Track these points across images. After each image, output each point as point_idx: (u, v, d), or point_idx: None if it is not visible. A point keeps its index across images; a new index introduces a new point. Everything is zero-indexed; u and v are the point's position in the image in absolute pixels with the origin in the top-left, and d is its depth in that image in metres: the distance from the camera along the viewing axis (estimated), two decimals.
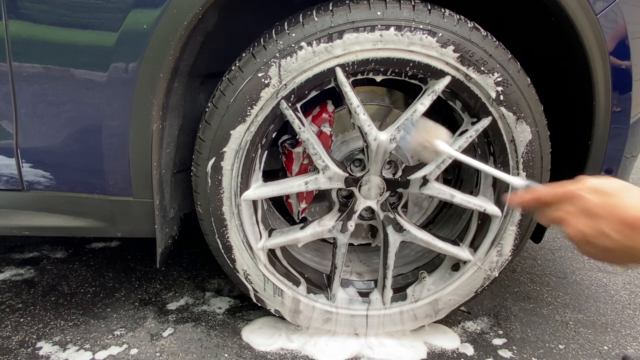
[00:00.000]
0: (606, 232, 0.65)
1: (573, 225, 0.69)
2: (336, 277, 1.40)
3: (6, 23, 1.07)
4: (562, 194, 0.72)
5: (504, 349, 1.45)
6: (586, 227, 0.68)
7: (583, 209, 0.68)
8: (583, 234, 0.68)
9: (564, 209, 0.71)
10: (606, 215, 0.66)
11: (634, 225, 0.63)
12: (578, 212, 0.69)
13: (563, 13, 1.13)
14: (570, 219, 0.70)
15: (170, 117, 1.25)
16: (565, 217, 0.71)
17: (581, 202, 0.68)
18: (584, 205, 0.68)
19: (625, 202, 0.65)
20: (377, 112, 1.44)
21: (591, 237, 0.67)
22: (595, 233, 0.67)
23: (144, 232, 1.29)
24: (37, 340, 1.40)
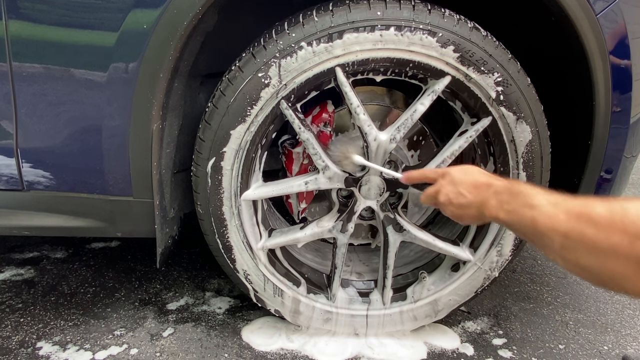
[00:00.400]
0: (462, 193, 0.93)
1: (444, 192, 0.97)
2: (336, 277, 1.40)
3: (6, 23, 1.07)
4: (440, 172, 1.01)
5: (504, 349, 1.45)
6: (451, 192, 0.95)
7: (450, 181, 0.96)
8: (448, 197, 0.95)
9: (439, 182, 0.99)
10: (463, 182, 0.94)
11: (477, 185, 0.91)
12: (447, 183, 0.97)
13: (563, 13, 1.13)
14: (442, 188, 0.98)
15: (170, 117, 1.25)
16: (439, 188, 0.99)
17: (449, 176, 0.97)
18: (451, 178, 0.96)
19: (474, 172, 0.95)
20: (377, 112, 1.44)
21: (453, 198, 0.94)
22: (455, 195, 0.94)
23: (144, 232, 1.29)
24: (37, 340, 1.40)
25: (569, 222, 0.68)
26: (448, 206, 0.96)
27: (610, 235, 0.62)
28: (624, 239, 0.60)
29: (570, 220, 0.68)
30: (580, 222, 0.67)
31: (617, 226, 0.62)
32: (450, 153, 1.25)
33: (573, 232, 0.67)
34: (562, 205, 0.71)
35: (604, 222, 0.63)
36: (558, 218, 0.70)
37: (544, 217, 0.72)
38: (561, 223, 0.69)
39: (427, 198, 1.03)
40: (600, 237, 0.63)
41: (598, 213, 0.65)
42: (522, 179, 1.27)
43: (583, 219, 0.66)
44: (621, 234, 0.61)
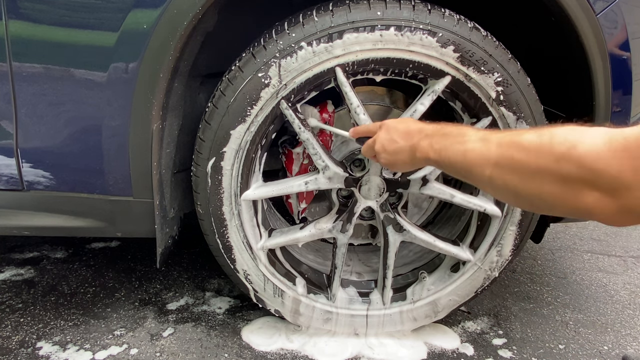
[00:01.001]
0: (395, 139, 0.98)
1: (379, 141, 1.02)
2: (336, 277, 1.40)
3: (6, 23, 1.07)
4: (379, 123, 1.06)
5: (504, 349, 1.45)
6: (385, 139, 1.00)
7: (386, 129, 1.02)
8: (382, 145, 1.00)
9: (377, 133, 1.04)
10: (396, 129, 0.99)
11: (409, 131, 0.96)
12: (383, 132, 1.02)
13: (563, 13, 1.13)
14: (378, 137, 1.03)
15: (170, 117, 1.25)
16: (375, 137, 1.04)
17: (385, 126, 1.03)
18: (387, 127, 1.02)
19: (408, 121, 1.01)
20: (377, 112, 1.44)
21: (387, 145, 0.99)
22: (389, 142, 0.99)
23: (144, 232, 1.29)
24: (37, 340, 1.40)
25: (499, 150, 0.71)
26: (382, 153, 1.01)
27: (538, 158, 0.65)
28: (550, 159, 0.63)
29: (501, 148, 0.71)
30: (511, 149, 0.69)
31: (545, 148, 0.64)
32: None
33: (503, 159, 0.70)
34: (493, 137, 0.74)
35: (533, 146, 0.66)
36: (488, 148, 0.73)
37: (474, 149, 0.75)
38: (491, 152, 0.72)
39: (365, 148, 1.09)
40: (529, 160, 0.66)
41: (527, 139, 0.68)
42: None
43: (513, 146, 0.69)
44: (548, 155, 0.63)
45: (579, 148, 0.60)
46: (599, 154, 0.58)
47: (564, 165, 0.62)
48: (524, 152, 0.67)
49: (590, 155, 0.59)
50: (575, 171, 0.60)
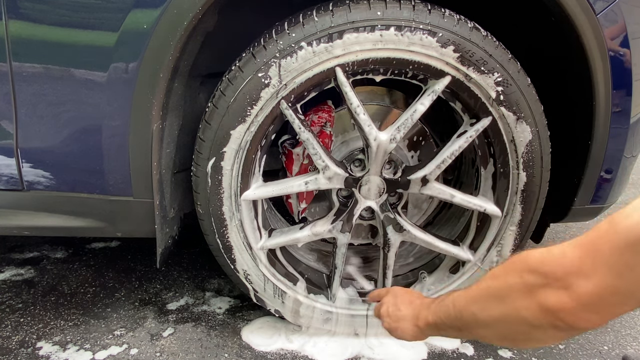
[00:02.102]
0: (399, 306, 1.05)
1: (385, 305, 1.10)
2: (336, 277, 1.40)
3: (6, 23, 1.07)
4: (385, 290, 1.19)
5: (504, 349, 1.45)
6: (391, 304, 1.08)
7: (392, 295, 1.11)
8: (387, 310, 1.08)
9: (385, 297, 1.12)
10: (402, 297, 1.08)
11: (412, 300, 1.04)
12: (390, 297, 1.11)
13: (563, 13, 1.13)
14: (385, 301, 1.11)
15: (170, 117, 1.25)
16: (383, 302, 1.12)
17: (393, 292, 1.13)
18: (394, 293, 1.12)
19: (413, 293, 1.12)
20: (377, 112, 1.44)
21: (392, 310, 1.06)
22: (394, 308, 1.06)
23: (144, 232, 1.29)
24: (37, 340, 1.40)
25: (476, 287, 0.80)
26: (386, 317, 1.09)
27: (506, 279, 0.72)
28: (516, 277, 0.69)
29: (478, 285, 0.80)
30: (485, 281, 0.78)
31: (510, 269, 0.72)
32: (450, 153, 1.25)
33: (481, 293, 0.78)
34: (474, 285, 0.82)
35: (501, 271, 0.74)
36: (469, 289, 0.82)
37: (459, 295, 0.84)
38: (471, 290, 0.81)
39: (375, 311, 1.16)
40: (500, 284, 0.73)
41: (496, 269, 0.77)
42: (522, 179, 1.27)
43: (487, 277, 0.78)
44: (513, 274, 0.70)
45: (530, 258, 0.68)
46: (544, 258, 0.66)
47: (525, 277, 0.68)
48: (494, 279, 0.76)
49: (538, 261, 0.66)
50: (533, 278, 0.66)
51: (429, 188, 1.30)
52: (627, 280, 0.57)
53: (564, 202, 1.40)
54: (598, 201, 1.38)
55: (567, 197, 1.38)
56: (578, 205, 1.37)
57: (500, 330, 0.75)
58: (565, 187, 1.38)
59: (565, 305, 0.62)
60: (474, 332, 0.82)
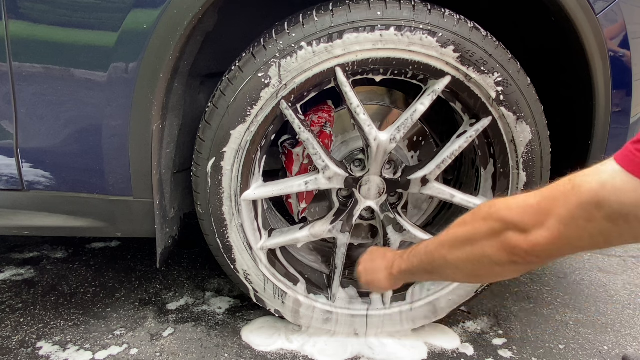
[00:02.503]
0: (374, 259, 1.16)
1: (362, 263, 1.20)
2: (336, 277, 1.40)
3: (6, 23, 1.07)
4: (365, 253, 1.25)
5: (504, 349, 1.45)
6: (367, 260, 1.19)
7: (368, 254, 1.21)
8: (364, 266, 1.18)
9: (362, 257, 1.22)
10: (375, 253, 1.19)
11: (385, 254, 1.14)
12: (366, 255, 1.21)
13: (563, 13, 1.13)
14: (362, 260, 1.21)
15: (170, 117, 1.25)
16: (360, 261, 1.22)
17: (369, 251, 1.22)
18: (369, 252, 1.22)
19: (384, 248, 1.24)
20: (377, 112, 1.44)
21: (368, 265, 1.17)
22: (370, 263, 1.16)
23: (144, 232, 1.29)
24: (37, 340, 1.40)
25: (447, 233, 0.89)
26: (363, 274, 1.18)
27: (474, 225, 0.83)
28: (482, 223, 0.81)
29: (447, 231, 0.89)
30: (453, 227, 0.88)
31: (478, 217, 0.83)
32: (450, 153, 1.25)
33: (450, 239, 0.88)
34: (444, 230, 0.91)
35: (469, 218, 0.86)
36: (440, 236, 0.91)
37: (431, 242, 0.94)
38: (442, 237, 0.90)
39: (356, 273, 1.23)
40: (468, 229, 0.84)
41: (462, 217, 0.87)
42: (522, 179, 1.27)
43: (457, 224, 0.88)
44: (480, 221, 0.81)
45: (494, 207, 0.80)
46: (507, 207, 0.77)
47: (489, 222, 0.79)
48: (462, 226, 0.86)
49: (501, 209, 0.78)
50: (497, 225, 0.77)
51: (429, 188, 1.30)
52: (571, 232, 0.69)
53: None
54: None
55: None
56: None
57: (468, 268, 0.86)
58: None
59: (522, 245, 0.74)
60: (443, 273, 0.93)
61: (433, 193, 1.31)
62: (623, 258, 2.09)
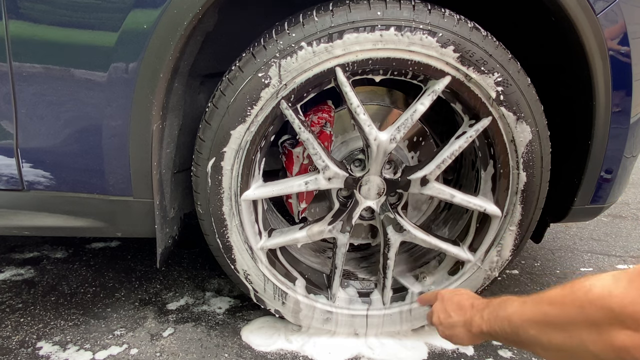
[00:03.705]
0: (449, 312, 1.04)
1: (435, 313, 1.09)
2: (336, 277, 1.40)
3: (6, 23, 1.07)
4: (435, 294, 1.15)
5: (504, 349, 1.45)
6: (441, 311, 1.07)
7: (441, 300, 1.09)
8: (439, 318, 1.07)
9: (435, 304, 1.11)
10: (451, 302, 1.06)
11: (462, 305, 1.02)
12: (438, 303, 1.10)
13: (563, 13, 1.13)
14: (435, 309, 1.10)
15: (170, 117, 1.25)
16: (433, 309, 1.11)
17: (441, 296, 1.11)
18: (442, 298, 1.10)
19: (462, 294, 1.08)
20: (377, 112, 1.44)
21: (442, 318, 1.05)
22: (445, 314, 1.05)
23: (144, 232, 1.29)
24: (37, 340, 1.40)
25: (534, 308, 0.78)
26: (439, 326, 1.07)
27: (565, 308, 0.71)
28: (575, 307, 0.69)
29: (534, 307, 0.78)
30: (542, 305, 0.76)
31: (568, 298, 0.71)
32: (450, 153, 1.25)
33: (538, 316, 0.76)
34: (528, 299, 0.80)
35: (558, 298, 0.73)
36: (525, 308, 0.80)
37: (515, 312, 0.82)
38: (528, 312, 0.79)
39: (427, 319, 1.15)
40: (559, 312, 0.72)
41: (553, 294, 0.75)
42: (522, 180, 1.27)
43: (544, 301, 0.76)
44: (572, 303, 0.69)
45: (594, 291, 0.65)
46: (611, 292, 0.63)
47: (587, 310, 0.66)
48: (553, 305, 0.73)
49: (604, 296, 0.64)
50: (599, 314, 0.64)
51: (429, 188, 1.30)
52: None
53: (564, 202, 1.40)
54: (598, 201, 1.39)
55: (567, 197, 1.38)
56: (578, 205, 1.37)
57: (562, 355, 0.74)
58: (565, 187, 1.38)
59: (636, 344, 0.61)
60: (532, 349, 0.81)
61: (433, 193, 1.31)
62: (623, 258, 2.09)
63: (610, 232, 2.36)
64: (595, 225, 2.44)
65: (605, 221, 2.53)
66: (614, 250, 2.17)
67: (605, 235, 2.32)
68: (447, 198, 1.31)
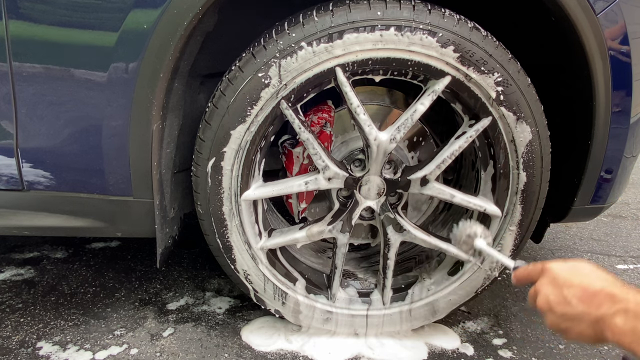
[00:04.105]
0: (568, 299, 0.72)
1: (542, 294, 0.77)
2: (336, 277, 1.40)
3: (6, 23, 1.07)
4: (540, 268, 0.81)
5: (504, 349, 1.45)
6: (552, 294, 0.75)
7: (552, 279, 0.76)
8: (548, 301, 0.75)
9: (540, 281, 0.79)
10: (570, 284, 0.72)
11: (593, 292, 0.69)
12: (548, 282, 0.77)
13: (563, 13, 1.13)
14: (541, 288, 0.77)
15: (170, 117, 1.25)
16: (538, 288, 0.78)
17: (551, 273, 0.77)
18: (553, 275, 0.76)
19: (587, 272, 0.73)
20: (377, 112, 1.44)
21: (554, 303, 0.74)
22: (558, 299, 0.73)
23: (144, 232, 1.29)
24: (37, 340, 1.40)
25: None
26: (548, 313, 0.77)
27: None
28: None
29: None
30: None
31: None
32: (450, 153, 1.25)
33: None
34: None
35: None
36: None
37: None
38: None
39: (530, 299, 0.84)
40: None
41: None
42: (522, 180, 1.27)
43: None
44: None
45: None
46: None
47: None
48: None
49: None
50: None
51: (429, 188, 1.30)
52: None
53: (564, 202, 1.40)
54: (598, 201, 1.39)
55: (567, 197, 1.38)
56: (578, 205, 1.37)
57: None
58: (565, 187, 1.38)
59: None
60: None
61: (433, 193, 1.31)
62: (623, 258, 2.09)
63: (610, 232, 2.36)
64: (595, 225, 2.44)
65: (605, 221, 2.53)
66: (614, 250, 2.17)
67: (605, 235, 2.32)
68: (447, 198, 1.31)
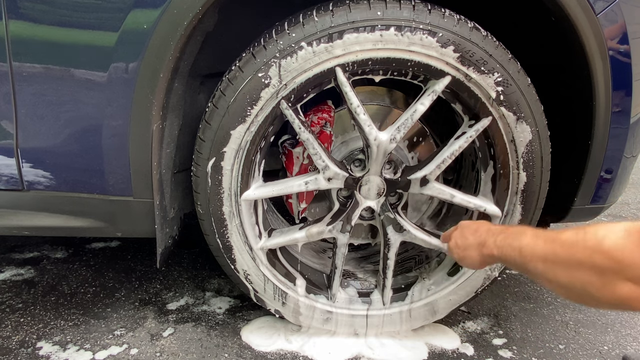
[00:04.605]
0: (466, 235, 1.08)
1: (453, 238, 1.13)
2: (336, 277, 1.40)
3: (6, 23, 1.07)
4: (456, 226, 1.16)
5: (504, 349, 1.45)
6: (458, 236, 1.11)
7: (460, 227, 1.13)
8: (455, 241, 1.11)
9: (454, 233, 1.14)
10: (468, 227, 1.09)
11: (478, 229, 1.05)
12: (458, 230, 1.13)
13: (563, 13, 1.13)
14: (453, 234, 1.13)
15: (170, 117, 1.25)
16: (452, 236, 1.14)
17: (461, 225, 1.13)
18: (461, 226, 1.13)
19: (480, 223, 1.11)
20: (377, 112, 1.44)
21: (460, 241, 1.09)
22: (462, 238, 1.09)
23: (144, 232, 1.29)
24: (37, 340, 1.40)
25: (546, 246, 0.82)
26: (454, 249, 1.11)
27: (575, 251, 0.75)
28: (585, 252, 0.73)
29: (546, 244, 0.82)
30: (555, 245, 0.80)
31: (580, 243, 0.75)
32: (450, 153, 1.25)
33: (549, 254, 0.80)
34: (542, 234, 0.84)
35: (570, 241, 0.77)
36: (537, 244, 0.84)
37: (527, 245, 0.86)
38: (540, 248, 0.83)
39: (448, 250, 1.17)
40: (569, 254, 0.76)
41: (566, 235, 0.79)
42: (522, 180, 1.27)
43: (556, 241, 0.80)
44: (583, 249, 0.74)
45: (606, 241, 0.70)
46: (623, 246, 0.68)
47: (596, 258, 0.71)
48: (564, 247, 0.78)
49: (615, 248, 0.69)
50: (606, 263, 0.69)
51: (429, 188, 1.30)
52: None
53: (564, 202, 1.40)
54: (598, 201, 1.39)
55: (567, 197, 1.38)
56: (578, 205, 1.37)
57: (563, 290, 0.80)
58: (565, 187, 1.38)
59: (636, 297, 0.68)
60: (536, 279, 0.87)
61: (433, 193, 1.31)
62: None
63: None
64: None
65: (605, 221, 2.53)
66: None
67: None
68: (447, 198, 1.31)
